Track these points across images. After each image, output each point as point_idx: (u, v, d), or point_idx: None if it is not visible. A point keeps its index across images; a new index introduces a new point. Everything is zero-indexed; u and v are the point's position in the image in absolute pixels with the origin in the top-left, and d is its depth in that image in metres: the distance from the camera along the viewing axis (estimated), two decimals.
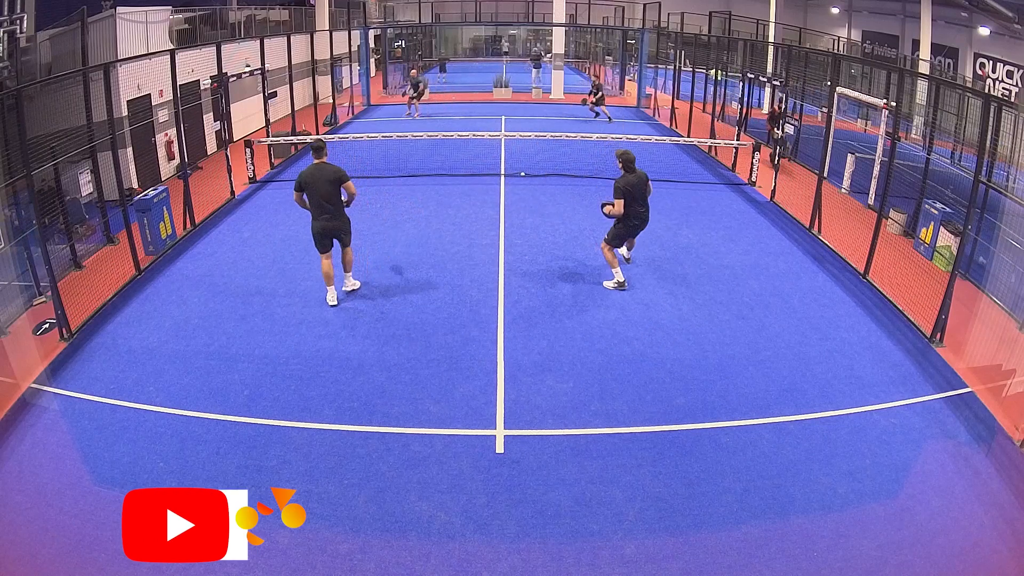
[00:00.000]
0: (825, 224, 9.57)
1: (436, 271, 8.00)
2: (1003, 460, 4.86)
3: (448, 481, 4.60)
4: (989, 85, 16.60)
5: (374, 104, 20.87)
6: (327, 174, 6.71)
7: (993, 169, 7.31)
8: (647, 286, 7.65)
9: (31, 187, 6.42)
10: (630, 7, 28.37)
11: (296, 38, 16.28)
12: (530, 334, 6.56)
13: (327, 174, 6.71)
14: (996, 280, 7.39)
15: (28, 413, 5.29)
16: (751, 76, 15.69)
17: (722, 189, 11.89)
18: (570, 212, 10.24)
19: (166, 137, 12.05)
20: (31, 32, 9.82)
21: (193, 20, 14.85)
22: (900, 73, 9.46)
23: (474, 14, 30.69)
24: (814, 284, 7.85)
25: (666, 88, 21.24)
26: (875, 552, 4.04)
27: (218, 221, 9.90)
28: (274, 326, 6.67)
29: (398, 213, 10.11)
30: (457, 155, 13.69)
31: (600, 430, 5.15)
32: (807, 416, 5.34)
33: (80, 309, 6.84)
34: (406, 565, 3.93)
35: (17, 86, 7.82)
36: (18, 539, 4.02)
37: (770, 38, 21.94)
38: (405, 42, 29.90)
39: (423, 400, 5.50)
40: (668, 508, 4.38)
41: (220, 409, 5.35)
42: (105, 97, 7.93)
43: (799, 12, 25.24)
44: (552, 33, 25.39)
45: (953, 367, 6.08)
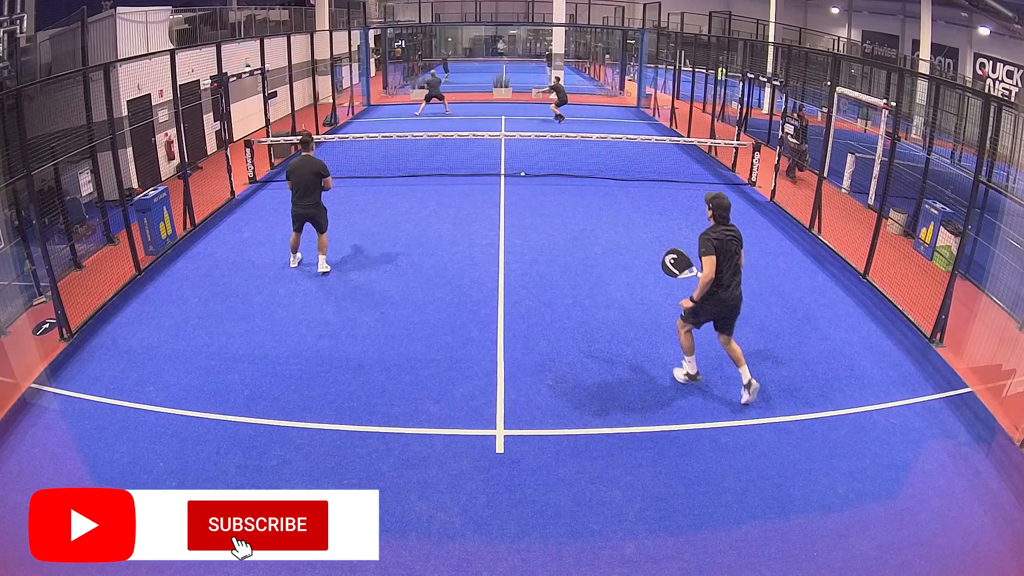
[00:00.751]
0: (825, 224, 9.57)
1: (436, 271, 8.00)
2: (1003, 460, 4.86)
3: (448, 481, 4.59)
4: (989, 85, 16.59)
5: (374, 104, 20.87)
6: (312, 167, 7.57)
7: (993, 169, 7.32)
8: (647, 286, 7.64)
9: (31, 187, 6.42)
10: (630, 7, 28.37)
11: (296, 38, 16.29)
12: (530, 334, 6.56)
13: (312, 167, 7.57)
14: (996, 280, 7.38)
15: (28, 413, 5.28)
16: (751, 76, 15.69)
17: (722, 189, 11.87)
18: (570, 212, 10.24)
19: (166, 137, 12.05)
20: (31, 32, 9.82)
21: (193, 20, 14.85)
22: (900, 73, 9.46)
23: (474, 14, 30.70)
24: (814, 284, 7.85)
25: (666, 88, 21.25)
26: (875, 552, 4.03)
27: (218, 221, 9.90)
28: (274, 326, 6.67)
29: (398, 213, 10.11)
30: (457, 155, 13.69)
31: (600, 430, 5.15)
32: (807, 416, 5.34)
33: (80, 309, 6.84)
34: (406, 565, 3.93)
35: (17, 86, 7.82)
36: (18, 539, 4.01)
37: (770, 38, 21.95)
38: (405, 42, 29.91)
39: (423, 400, 5.50)
40: (668, 508, 4.38)
41: (220, 409, 5.34)
42: (105, 97, 7.93)
43: (799, 12, 25.24)
44: (552, 33, 25.39)
45: (953, 367, 6.08)
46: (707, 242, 5.20)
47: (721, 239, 5.20)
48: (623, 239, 9.11)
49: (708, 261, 5.15)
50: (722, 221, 5.29)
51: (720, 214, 5.29)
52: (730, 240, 5.24)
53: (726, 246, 5.20)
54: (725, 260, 5.21)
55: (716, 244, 5.16)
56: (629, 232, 9.39)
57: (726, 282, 5.24)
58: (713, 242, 5.17)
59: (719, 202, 5.31)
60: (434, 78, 19.09)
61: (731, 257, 5.24)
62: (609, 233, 9.35)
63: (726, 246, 5.20)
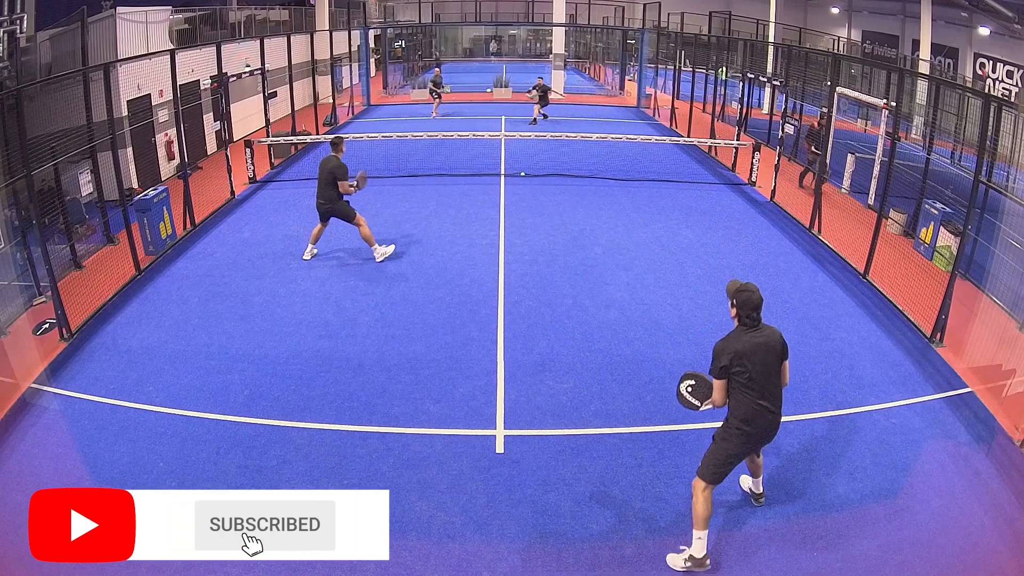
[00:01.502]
0: (825, 224, 9.57)
1: (436, 271, 8.00)
2: (1003, 460, 4.86)
3: (448, 481, 4.59)
4: (989, 85, 16.59)
5: (374, 104, 20.87)
6: (329, 165, 7.83)
7: (993, 169, 7.32)
8: (647, 286, 7.64)
9: (31, 187, 6.42)
10: (630, 7, 28.37)
11: (296, 38, 16.29)
12: (530, 334, 6.56)
13: (329, 165, 7.83)
14: (996, 280, 7.38)
15: (28, 413, 5.28)
16: (751, 76, 15.70)
17: (722, 189, 11.88)
18: (570, 212, 10.24)
19: (166, 137, 12.05)
20: (31, 32, 9.82)
21: (193, 20, 14.85)
22: (900, 73, 9.46)
23: (474, 14, 30.69)
24: (814, 284, 7.85)
25: (666, 88, 21.25)
26: (875, 552, 4.03)
27: (218, 221, 9.90)
28: (274, 326, 6.67)
29: (398, 213, 10.11)
30: (457, 155, 13.69)
31: (600, 430, 5.15)
32: (807, 416, 5.34)
33: (80, 309, 6.84)
34: (406, 565, 3.93)
35: (17, 86, 7.82)
36: (18, 539, 4.01)
37: (770, 38, 21.94)
38: (405, 42, 29.90)
39: (423, 400, 5.50)
40: (668, 508, 4.38)
41: (220, 409, 5.35)
42: (105, 97, 7.93)
43: (799, 12, 25.24)
44: (552, 33, 25.39)
45: (953, 367, 6.08)
46: (718, 356, 3.77)
47: (743, 351, 3.71)
48: (623, 239, 9.11)
49: (717, 387, 3.80)
50: (751, 324, 3.77)
51: (747, 314, 3.75)
52: (756, 352, 3.72)
53: (749, 360, 3.71)
54: (751, 379, 3.73)
55: (733, 357, 3.71)
56: (629, 232, 9.39)
57: (755, 407, 3.77)
58: (728, 354, 3.73)
59: (746, 298, 3.74)
60: (437, 76, 19.02)
61: (762, 376, 3.74)
62: (609, 233, 9.35)
63: (749, 360, 3.71)
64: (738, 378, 3.74)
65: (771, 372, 3.79)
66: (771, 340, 3.79)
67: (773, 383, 3.81)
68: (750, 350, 3.72)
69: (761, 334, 3.78)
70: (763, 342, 3.76)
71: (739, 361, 3.71)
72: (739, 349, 3.72)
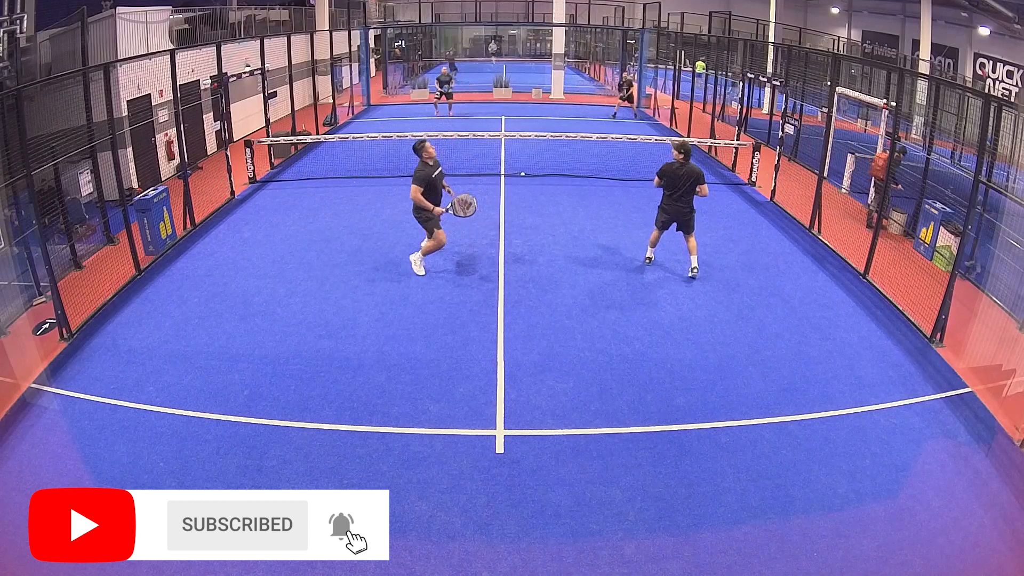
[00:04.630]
0: (825, 224, 9.57)
1: (436, 271, 8.00)
2: (1003, 460, 4.86)
3: (448, 481, 4.60)
4: (989, 85, 16.59)
5: (374, 104, 20.86)
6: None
7: (993, 169, 7.32)
8: (647, 286, 7.65)
9: (31, 187, 6.42)
10: (630, 7, 28.37)
11: (296, 38, 16.29)
12: (530, 334, 6.56)
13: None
14: (996, 280, 7.38)
15: (28, 413, 5.29)
16: (751, 76, 15.69)
17: (722, 189, 11.88)
18: (570, 212, 10.24)
19: (166, 137, 12.05)
20: (31, 32, 9.82)
21: (193, 20, 14.85)
22: (900, 73, 9.45)
23: (474, 14, 30.69)
24: (814, 284, 7.85)
25: (666, 88, 21.24)
26: (875, 552, 4.04)
27: (218, 221, 9.90)
28: (274, 326, 6.67)
29: (399, 213, 10.10)
30: (457, 155, 13.66)
31: (600, 430, 5.15)
32: (807, 416, 5.34)
33: (80, 309, 6.84)
34: (406, 565, 3.93)
35: (17, 86, 7.82)
36: (18, 539, 4.01)
37: (770, 38, 21.94)
38: (405, 42, 29.89)
39: (423, 400, 5.50)
40: (668, 508, 4.38)
41: (220, 409, 5.35)
42: (105, 97, 7.93)
43: (799, 12, 25.24)
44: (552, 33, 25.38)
45: (953, 367, 6.08)
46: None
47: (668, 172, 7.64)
48: (623, 239, 9.11)
49: (657, 182, 7.82)
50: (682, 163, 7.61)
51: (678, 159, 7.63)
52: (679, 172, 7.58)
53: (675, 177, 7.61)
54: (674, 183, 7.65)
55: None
56: (629, 232, 9.38)
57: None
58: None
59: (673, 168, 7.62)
60: (444, 75, 18.79)
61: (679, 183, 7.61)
62: (609, 233, 9.35)
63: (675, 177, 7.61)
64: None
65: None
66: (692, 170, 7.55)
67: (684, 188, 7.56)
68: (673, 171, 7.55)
69: (684, 167, 7.51)
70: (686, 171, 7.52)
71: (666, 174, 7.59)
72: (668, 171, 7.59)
